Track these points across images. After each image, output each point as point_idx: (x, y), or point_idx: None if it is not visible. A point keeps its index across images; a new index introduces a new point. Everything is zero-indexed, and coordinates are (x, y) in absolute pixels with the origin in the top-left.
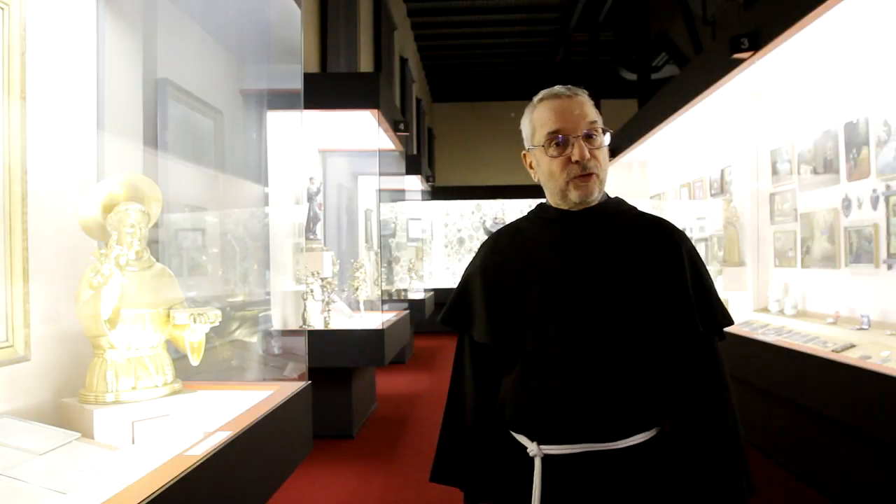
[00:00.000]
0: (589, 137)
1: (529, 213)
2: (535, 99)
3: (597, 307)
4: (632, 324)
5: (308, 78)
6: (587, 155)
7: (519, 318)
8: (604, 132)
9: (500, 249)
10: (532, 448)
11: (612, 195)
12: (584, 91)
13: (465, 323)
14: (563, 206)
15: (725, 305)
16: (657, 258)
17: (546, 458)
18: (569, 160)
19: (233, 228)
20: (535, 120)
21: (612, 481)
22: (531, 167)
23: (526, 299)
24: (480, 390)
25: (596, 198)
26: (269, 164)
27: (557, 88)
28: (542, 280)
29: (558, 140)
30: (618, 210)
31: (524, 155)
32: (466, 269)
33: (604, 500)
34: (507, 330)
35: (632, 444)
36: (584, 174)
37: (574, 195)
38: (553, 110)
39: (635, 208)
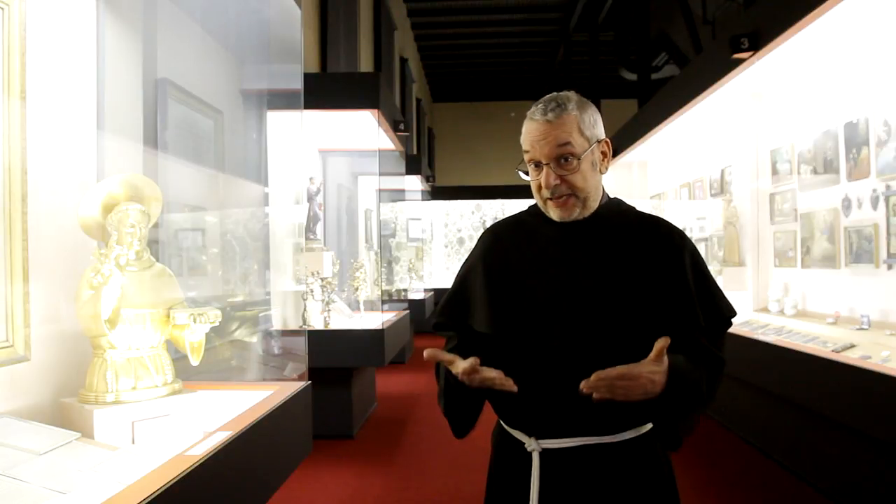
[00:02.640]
0: (562, 161)
1: (530, 207)
2: (530, 110)
3: (598, 303)
4: (633, 319)
5: (308, 78)
6: (552, 183)
7: (520, 311)
8: (589, 144)
9: (500, 242)
10: (530, 443)
11: (612, 195)
12: (571, 103)
13: (463, 316)
14: None
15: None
16: (658, 256)
17: (544, 453)
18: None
19: (233, 228)
20: (522, 134)
21: (609, 474)
22: None
23: (528, 294)
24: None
25: (579, 215)
26: (269, 164)
27: (539, 109)
28: (544, 275)
29: (533, 164)
30: (618, 211)
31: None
32: (465, 262)
33: (601, 493)
34: (509, 322)
35: (629, 437)
36: (554, 197)
37: (553, 214)
38: (528, 134)
39: (634, 208)
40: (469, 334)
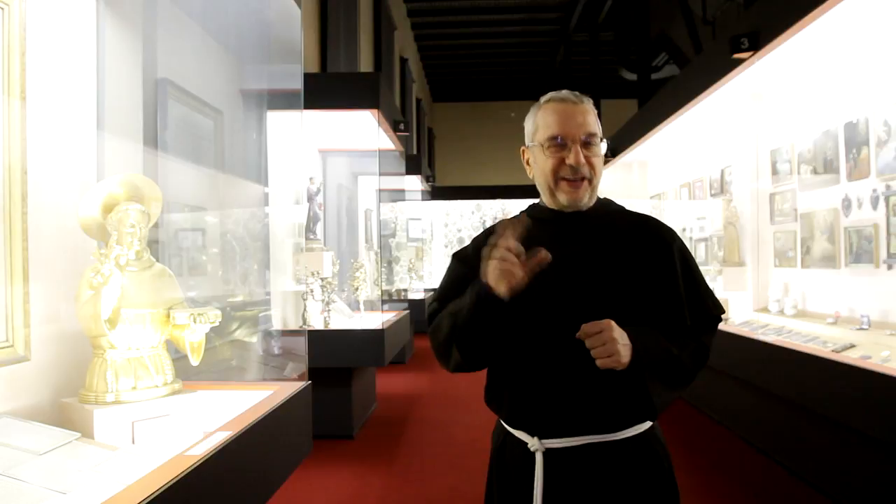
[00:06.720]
0: (587, 144)
1: (522, 212)
2: (543, 99)
3: (593, 301)
4: (625, 318)
5: (308, 78)
6: (582, 161)
7: (516, 316)
8: (601, 140)
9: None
10: (533, 443)
11: (606, 195)
12: (590, 99)
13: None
14: (554, 207)
15: (721, 302)
16: (648, 256)
17: (547, 453)
18: (563, 162)
19: (233, 228)
20: (539, 120)
21: (611, 472)
22: (528, 164)
23: (523, 297)
24: None
25: (586, 203)
26: (269, 164)
27: (565, 93)
28: (538, 277)
29: (557, 142)
30: (608, 210)
31: (523, 151)
32: (458, 252)
33: (604, 491)
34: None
35: (631, 434)
36: (576, 178)
37: (563, 198)
38: (557, 114)
39: (623, 208)
40: None
